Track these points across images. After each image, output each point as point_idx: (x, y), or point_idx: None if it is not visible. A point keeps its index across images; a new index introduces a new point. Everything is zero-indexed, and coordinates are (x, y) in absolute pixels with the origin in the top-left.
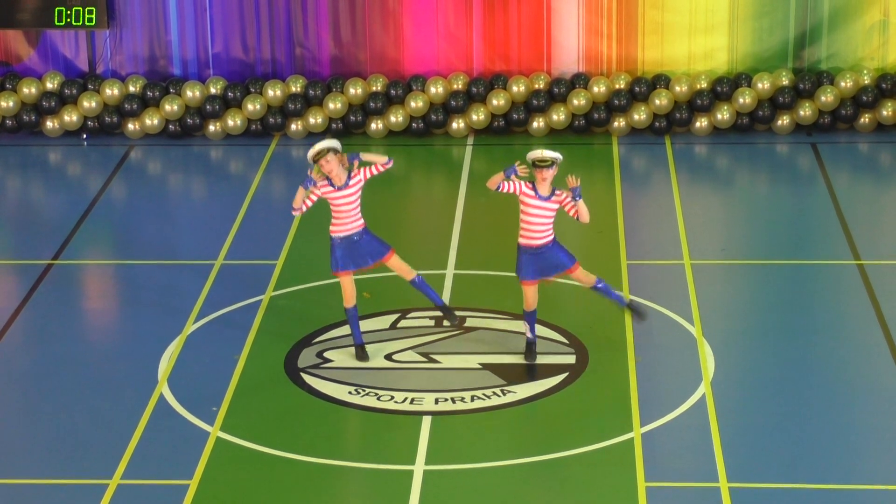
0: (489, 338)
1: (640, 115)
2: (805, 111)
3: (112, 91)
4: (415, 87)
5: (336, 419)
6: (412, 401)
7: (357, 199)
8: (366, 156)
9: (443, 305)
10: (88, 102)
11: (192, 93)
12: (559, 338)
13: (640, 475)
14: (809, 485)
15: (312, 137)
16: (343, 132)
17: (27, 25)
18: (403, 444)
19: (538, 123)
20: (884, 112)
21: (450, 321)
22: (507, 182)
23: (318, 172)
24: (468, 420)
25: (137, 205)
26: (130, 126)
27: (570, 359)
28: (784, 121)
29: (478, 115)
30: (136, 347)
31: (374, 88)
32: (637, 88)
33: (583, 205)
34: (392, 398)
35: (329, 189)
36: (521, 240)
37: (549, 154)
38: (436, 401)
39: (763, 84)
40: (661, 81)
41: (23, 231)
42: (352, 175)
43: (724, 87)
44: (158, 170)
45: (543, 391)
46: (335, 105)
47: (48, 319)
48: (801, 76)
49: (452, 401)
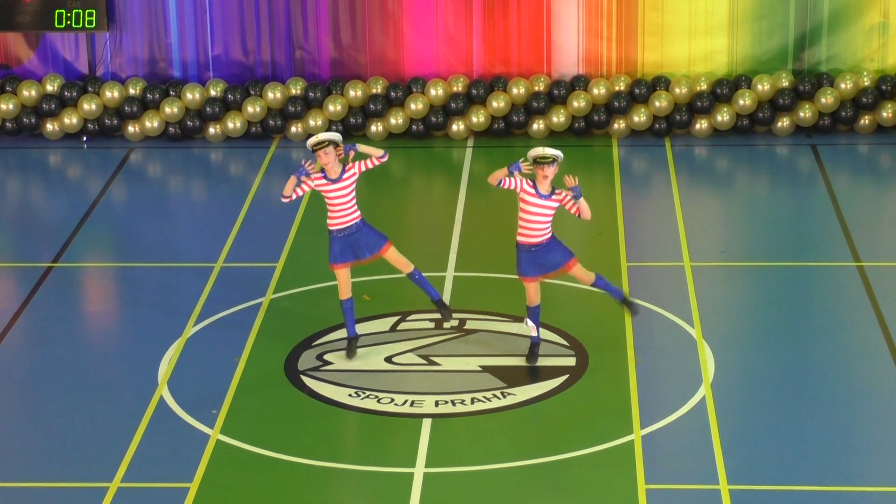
0: (489, 340)
1: (640, 117)
2: (805, 113)
3: (112, 93)
4: (415, 90)
5: (336, 422)
6: (412, 403)
7: (351, 193)
8: (362, 147)
9: (439, 300)
10: (88, 105)
11: (192, 95)
12: (559, 340)
13: (640, 477)
14: (810, 487)
15: None
16: (343, 134)
17: (27, 28)
18: (403, 447)
19: (538, 125)
20: (884, 114)
21: (444, 317)
22: (509, 178)
23: (318, 166)
24: (468, 422)
25: (137, 207)
26: (130, 128)
27: (570, 361)
28: (784, 122)
29: (478, 118)
30: (136, 350)
31: (374, 91)
32: (637, 90)
33: (584, 202)
34: (392, 401)
35: (323, 182)
36: (520, 238)
37: (551, 151)
38: (436, 403)
39: (763, 86)
40: (661, 83)
41: (23, 234)
42: (346, 168)
43: (724, 89)
44: (158, 172)
45: (543, 393)
46: (335, 107)
47: (48, 322)
48: (801, 78)
49: (452, 403)
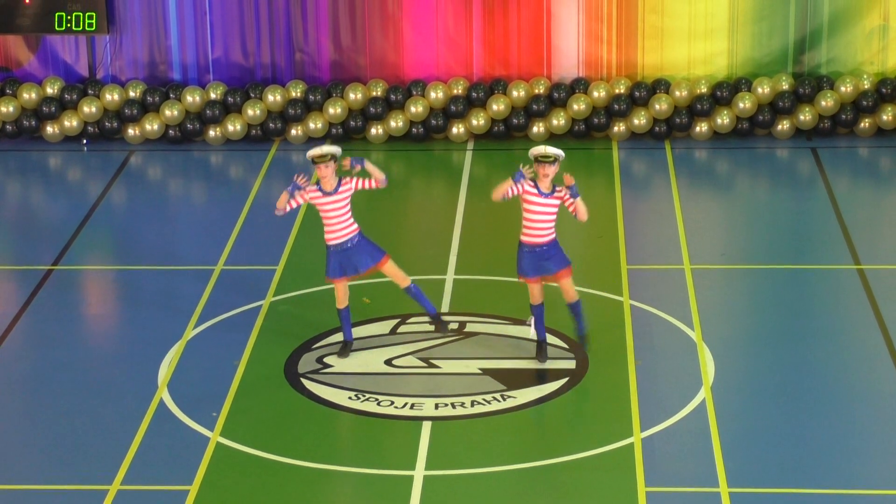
0: (489, 343)
1: (640, 120)
2: (805, 116)
3: (112, 96)
4: (415, 92)
5: (336, 424)
6: (412, 406)
7: (346, 206)
8: (369, 166)
9: (436, 315)
10: (88, 107)
11: (192, 98)
12: (559, 343)
13: (641, 480)
14: (810, 489)
15: (312, 142)
16: (343, 137)
17: (27, 31)
18: (403, 450)
19: (538, 128)
20: (884, 116)
21: (441, 332)
22: (514, 186)
23: (314, 178)
24: (468, 425)
25: (137, 210)
26: (130, 131)
27: (571, 364)
28: (784, 125)
29: (478, 120)
30: (136, 352)
31: (374, 93)
32: (637, 93)
33: (580, 202)
34: (392, 403)
35: (318, 194)
36: (524, 237)
37: (553, 150)
38: (436, 406)
39: (763, 89)
40: (661, 86)
41: (23, 236)
42: (342, 181)
43: (724, 92)
44: (158, 175)
45: (543, 396)
46: (335, 110)
47: (48, 324)
48: (801, 81)
49: (452, 406)
